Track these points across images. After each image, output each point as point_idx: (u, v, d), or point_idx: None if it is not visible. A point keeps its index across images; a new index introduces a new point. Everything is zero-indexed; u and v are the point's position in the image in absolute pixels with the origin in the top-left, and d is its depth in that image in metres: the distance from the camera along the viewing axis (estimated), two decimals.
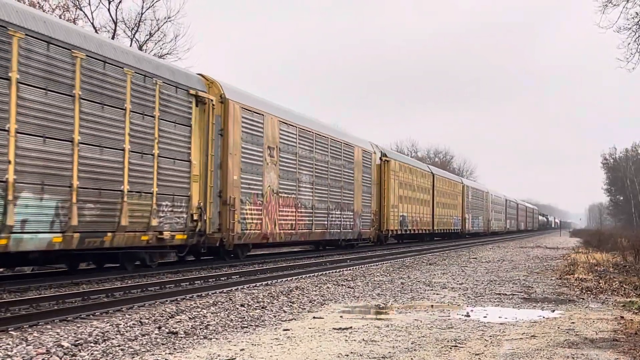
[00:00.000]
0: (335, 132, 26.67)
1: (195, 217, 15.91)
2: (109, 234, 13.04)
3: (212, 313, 9.43)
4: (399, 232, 33.96)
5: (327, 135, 24.64)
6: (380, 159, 31.73)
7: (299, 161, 21.76)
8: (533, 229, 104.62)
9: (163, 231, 14.70)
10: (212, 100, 16.66)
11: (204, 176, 16.42)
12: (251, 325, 8.51)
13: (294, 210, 21.40)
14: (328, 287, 13.08)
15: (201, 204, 16.12)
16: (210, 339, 7.57)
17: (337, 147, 25.52)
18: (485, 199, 60.53)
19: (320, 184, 23.61)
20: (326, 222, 24.29)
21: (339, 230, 25.61)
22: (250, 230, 18.43)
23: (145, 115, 14.27)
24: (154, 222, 14.41)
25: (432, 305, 10.69)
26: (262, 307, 10.14)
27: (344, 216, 26.18)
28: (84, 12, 26.95)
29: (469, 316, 9.46)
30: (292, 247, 27.80)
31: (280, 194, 20.29)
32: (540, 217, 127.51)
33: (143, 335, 7.67)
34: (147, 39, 28.62)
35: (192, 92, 15.99)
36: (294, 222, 21.37)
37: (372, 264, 19.88)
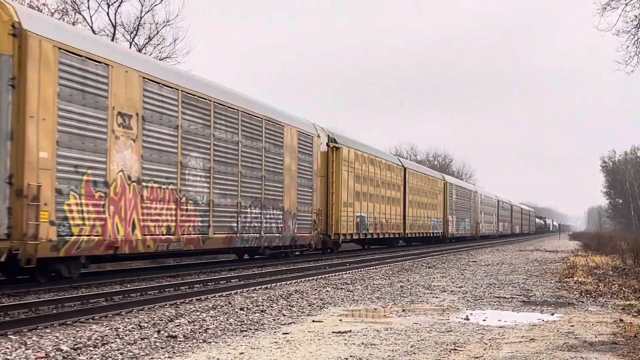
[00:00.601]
0: (254, 104, 19.78)
1: None
2: None
3: (211, 317, 9.43)
4: (357, 237, 28.20)
5: (237, 108, 18.12)
6: (328, 144, 25.46)
7: (183, 138, 15.47)
8: (529, 232, 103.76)
9: None
10: None
11: None
12: (250, 329, 8.51)
13: (174, 206, 15.10)
14: (327, 291, 13.09)
15: None
16: (210, 342, 7.57)
17: (254, 124, 19.00)
18: (473, 199, 54.99)
19: (224, 172, 17.33)
20: (235, 224, 17.86)
21: (257, 235, 19.16)
22: (80, 235, 12.25)
23: None
24: None
25: (431, 309, 10.70)
26: (262, 311, 10.14)
27: (267, 216, 19.75)
28: (82, 15, 26.88)
29: (468, 319, 9.47)
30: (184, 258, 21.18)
31: (144, 183, 14.09)
32: (538, 220, 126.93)
33: (142, 339, 7.67)
34: (146, 43, 28.62)
35: None
36: (173, 223, 15.04)
37: (371, 267, 19.91)
